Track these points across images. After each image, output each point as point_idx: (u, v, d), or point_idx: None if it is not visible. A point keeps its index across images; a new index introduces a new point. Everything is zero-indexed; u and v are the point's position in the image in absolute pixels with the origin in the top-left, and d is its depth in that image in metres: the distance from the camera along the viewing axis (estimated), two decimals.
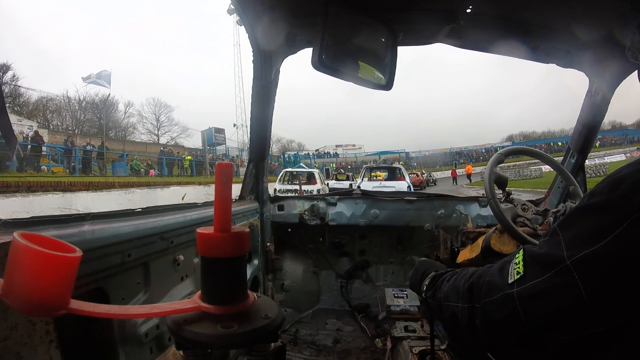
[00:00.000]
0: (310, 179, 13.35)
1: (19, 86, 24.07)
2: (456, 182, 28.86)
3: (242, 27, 1.30)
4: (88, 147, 17.88)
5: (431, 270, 0.93)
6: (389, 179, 13.10)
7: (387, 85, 1.03)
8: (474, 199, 1.97)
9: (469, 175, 30.07)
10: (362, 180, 12.25)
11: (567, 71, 1.42)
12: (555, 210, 1.28)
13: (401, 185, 10.87)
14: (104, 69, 18.75)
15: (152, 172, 18.93)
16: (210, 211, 1.11)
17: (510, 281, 0.53)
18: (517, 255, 0.56)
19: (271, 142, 3.77)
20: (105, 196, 9.74)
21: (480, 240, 1.42)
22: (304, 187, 11.61)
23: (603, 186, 0.48)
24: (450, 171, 33.17)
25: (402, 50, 1.08)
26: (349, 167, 37.51)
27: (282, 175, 13.30)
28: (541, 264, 0.50)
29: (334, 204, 2.03)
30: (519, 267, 0.53)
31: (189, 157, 24.11)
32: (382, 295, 1.90)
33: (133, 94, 66.94)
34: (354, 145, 53.37)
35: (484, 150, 50.52)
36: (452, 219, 1.94)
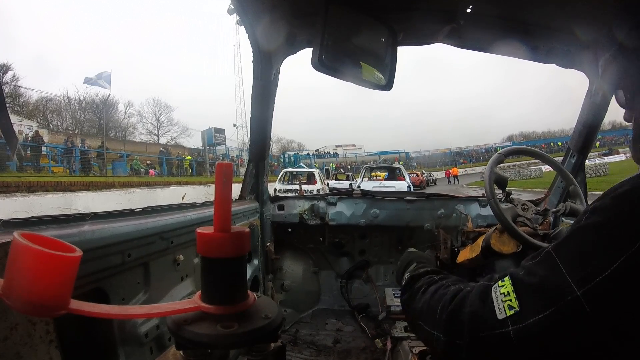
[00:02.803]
0: (310, 178, 13.38)
1: (19, 86, 24.12)
2: (457, 181, 28.90)
3: (242, 27, 1.30)
4: (85, 147, 17.88)
5: (414, 262, 0.90)
6: (389, 179, 13.13)
7: (387, 86, 1.03)
8: (474, 199, 1.97)
9: (455, 177, 29.89)
10: (362, 180, 12.27)
11: (567, 71, 1.42)
12: (555, 210, 1.28)
13: (401, 185, 10.89)
14: (104, 69, 18.85)
15: (152, 172, 18.94)
16: (210, 211, 1.11)
17: (501, 316, 0.46)
18: (502, 284, 0.49)
19: (271, 142, 3.77)
20: (105, 196, 9.75)
21: (480, 240, 1.42)
22: (304, 187, 11.60)
23: (607, 203, 0.43)
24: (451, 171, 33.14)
25: (402, 51, 1.08)
26: (349, 167, 37.52)
27: (282, 175, 13.33)
28: (541, 295, 0.44)
29: (334, 204, 2.02)
30: (510, 300, 0.46)
31: (189, 157, 24.13)
32: (382, 295, 1.90)
33: (133, 94, 67.01)
34: (354, 146, 53.45)
35: (484, 150, 50.59)
36: (452, 218, 1.94)
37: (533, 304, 0.44)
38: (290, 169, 15.44)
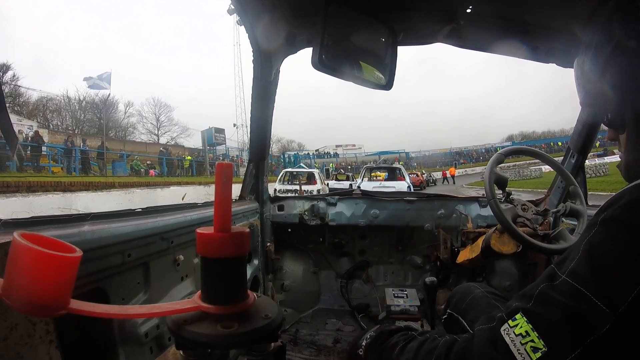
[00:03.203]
0: (310, 179, 13.37)
1: (19, 86, 24.15)
2: (454, 181, 29.51)
3: (242, 27, 1.30)
4: (86, 147, 17.90)
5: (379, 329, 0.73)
6: (389, 179, 13.13)
7: (387, 85, 1.03)
8: (474, 199, 1.97)
9: (452, 177, 31.07)
10: (362, 180, 12.26)
11: (567, 71, 1.42)
12: (555, 210, 1.28)
13: (401, 186, 10.89)
14: (104, 69, 18.94)
15: (152, 172, 18.95)
16: (210, 211, 1.11)
17: None
18: (514, 323, 0.42)
19: (271, 142, 3.77)
20: (105, 196, 9.75)
21: (480, 241, 1.43)
22: (304, 187, 11.61)
23: (618, 213, 0.40)
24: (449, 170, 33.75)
25: (402, 51, 1.08)
26: (349, 167, 37.54)
27: (282, 176, 13.32)
28: (569, 328, 0.38)
29: (334, 204, 2.02)
30: (532, 341, 0.40)
31: (189, 157, 24.15)
32: (382, 295, 1.90)
33: (133, 94, 67.14)
34: (354, 146, 53.51)
35: (484, 150, 50.63)
36: (452, 219, 1.94)
37: (562, 340, 0.38)
38: (290, 169, 15.43)
